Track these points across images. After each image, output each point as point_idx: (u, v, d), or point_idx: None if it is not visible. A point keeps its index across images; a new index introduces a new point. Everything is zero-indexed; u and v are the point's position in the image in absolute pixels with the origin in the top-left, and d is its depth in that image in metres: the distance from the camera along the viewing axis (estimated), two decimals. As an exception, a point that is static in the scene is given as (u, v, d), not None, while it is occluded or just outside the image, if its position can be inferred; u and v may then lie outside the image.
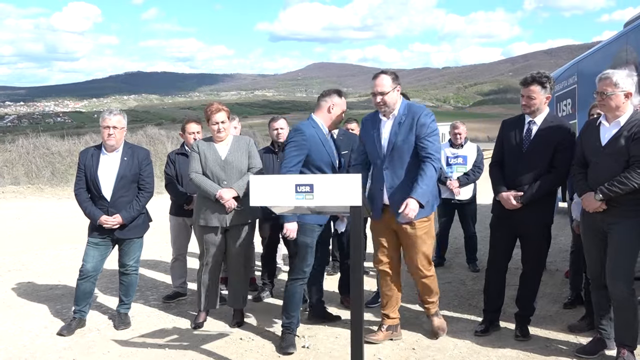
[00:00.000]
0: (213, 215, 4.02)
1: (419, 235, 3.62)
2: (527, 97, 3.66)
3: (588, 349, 3.45)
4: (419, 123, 3.55)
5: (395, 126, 3.60)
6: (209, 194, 3.98)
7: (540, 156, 3.64)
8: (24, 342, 3.90)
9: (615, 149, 3.21)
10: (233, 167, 4.06)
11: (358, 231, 2.69)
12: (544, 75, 3.67)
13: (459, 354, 3.54)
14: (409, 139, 3.55)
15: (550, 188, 3.69)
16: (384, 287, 3.83)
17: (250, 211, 4.09)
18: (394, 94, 3.60)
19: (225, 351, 3.66)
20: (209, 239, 4.08)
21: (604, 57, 6.62)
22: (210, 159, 4.05)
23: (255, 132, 22.80)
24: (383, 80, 3.59)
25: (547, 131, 3.65)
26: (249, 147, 4.16)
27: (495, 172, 3.85)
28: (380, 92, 3.58)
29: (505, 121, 3.95)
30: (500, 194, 3.74)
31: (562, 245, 6.66)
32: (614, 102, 3.21)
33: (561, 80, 8.41)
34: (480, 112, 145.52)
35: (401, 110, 3.63)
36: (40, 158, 17.86)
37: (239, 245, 4.10)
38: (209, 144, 4.12)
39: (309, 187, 2.64)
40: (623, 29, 6.41)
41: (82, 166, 4.09)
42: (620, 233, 3.22)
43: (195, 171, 4.06)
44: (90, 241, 4.10)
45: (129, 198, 4.10)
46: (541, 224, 3.72)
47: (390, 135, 3.61)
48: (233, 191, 3.98)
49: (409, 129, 3.56)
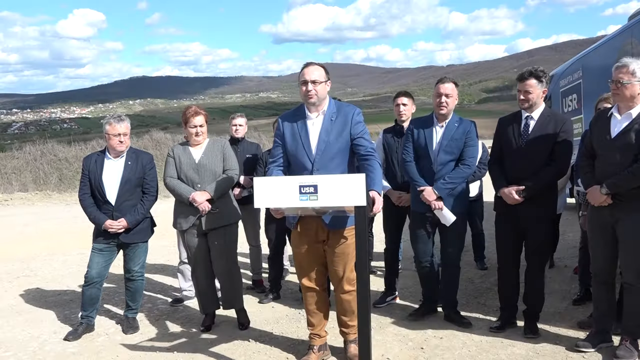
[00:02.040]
0: (189, 219, 4.03)
1: (350, 244, 3.23)
2: (524, 91, 3.67)
3: (587, 341, 3.43)
4: (354, 121, 3.28)
5: (327, 123, 3.29)
6: (182, 198, 4.00)
7: (539, 150, 3.64)
8: (33, 347, 3.91)
9: (624, 142, 3.18)
10: (207, 170, 4.06)
11: (363, 231, 2.67)
12: (539, 69, 3.69)
13: (467, 353, 3.52)
14: (342, 137, 3.26)
15: (551, 180, 3.68)
16: (311, 305, 3.44)
17: (230, 213, 4.09)
18: (326, 87, 3.31)
19: (234, 353, 3.66)
20: (190, 242, 4.11)
21: (609, 51, 6.57)
22: (184, 162, 4.07)
23: (260, 134, 22.79)
24: (317, 70, 3.27)
25: (545, 124, 3.66)
26: (224, 149, 4.16)
27: (495, 170, 3.84)
28: (312, 80, 3.23)
29: (501, 119, 3.95)
30: (501, 190, 3.73)
31: (570, 242, 6.61)
32: (629, 91, 3.17)
33: (566, 76, 8.35)
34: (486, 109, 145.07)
35: (331, 108, 3.34)
36: (48, 164, 17.96)
37: (221, 247, 4.09)
38: (184, 147, 4.15)
39: (313, 188, 2.63)
40: (628, 22, 6.36)
41: (87, 172, 4.11)
42: (628, 227, 3.21)
43: (170, 175, 4.09)
44: (94, 247, 4.11)
45: (134, 202, 4.11)
46: (544, 219, 3.71)
47: (321, 134, 3.28)
48: (206, 194, 3.98)
49: (342, 127, 3.27)
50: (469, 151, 3.96)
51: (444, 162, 3.96)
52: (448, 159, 3.96)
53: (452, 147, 3.96)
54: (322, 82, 3.27)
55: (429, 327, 3.98)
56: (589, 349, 3.39)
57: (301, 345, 3.74)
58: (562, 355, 3.40)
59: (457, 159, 3.98)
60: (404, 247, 5.04)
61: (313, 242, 3.34)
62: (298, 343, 3.79)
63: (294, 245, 3.45)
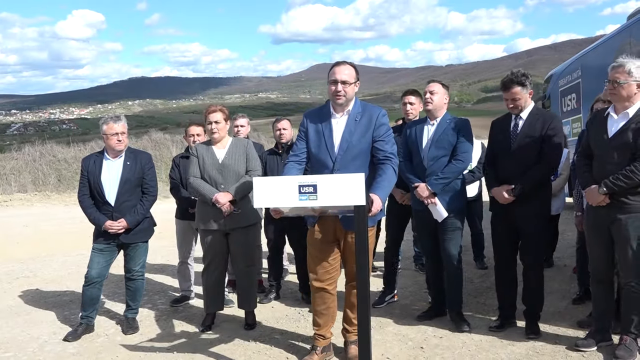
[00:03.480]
0: (212, 219, 4.02)
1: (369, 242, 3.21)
2: (511, 99, 3.70)
3: (587, 341, 3.43)
4: (378, 123, 3.27)
5: (351, 124, 3.28)
6: (206, 198, 3.99)
7: (528, 149, 3.66)
8: (33, 348, 3.91)
9: (622, 141, 3.19)
10: (230, 171, 4.05)
11: (363, 231, 2.67)
12: (520, 74, 3.68)
13: (467, 352, 3.52)
14: (365, 138, 3.25)
15: (541, 177, 3.69)
16: (320, 306, 3.41)
17: (251, 214, 4.09)
18: (354, 88, 3.30)
19: (234, 354, 3.66)
20: (209, 242, 4.09)
21: (607, 50, 6.58)
22: (208, 162, 4.06)
23: (260, 134, 22.79)
24: (347, 69, 3.26)
25: (533, 124, 3.69)
26: (247, 150, 4.14)
27: (488, 172, 3.90)
28: (342, 80, 3.22)
29: (494, 121, 3.98)
30: (492, 190, 3.78)
31: (569, 241, 6.61)
32: (625, 91, 3.17)
33: (565, 75, 8.36)
34: (485, 108, 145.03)
35: (356, 108, 3.32)
36: (47, 165, 17.94)
37: (242, 248, 4.10)
38: (208, 147, 4.12)
39: (313, 188, 2.63)
40: (626, 22, 6.38)
41: (85, 172, 4.10)
42: (625, 227, 3.21)
43: (194, 175, 4.07)
44: (95, 247, 4.11)
45: (133, 202, 4.11)
46: (537, 217, 3.72)
47: (344, 133, 3.27)
48: (229, 195, 3.97)
49: (366, 128, 3.26)
50: (462, 146, 3.97)
51: (435, 158, 3.96)
52: (439, 154, 3.96)
53: (443, 142, 3.97)
54: (351, 84, 3.26)
55: (428, 327, 3.99)
56: (589, 348, 3.39)
57: (301, 345, 3.74)
58: (561, 355, 3.40)
59: (449, 155, 3.98)
60: (404, 247, 5.04)
61: (329, 242, 3.35)
62: (298, 343, 3.80)
63: (310, 244, 3.42)
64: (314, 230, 3.37)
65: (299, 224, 4.03)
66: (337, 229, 3.32)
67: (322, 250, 3.36)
